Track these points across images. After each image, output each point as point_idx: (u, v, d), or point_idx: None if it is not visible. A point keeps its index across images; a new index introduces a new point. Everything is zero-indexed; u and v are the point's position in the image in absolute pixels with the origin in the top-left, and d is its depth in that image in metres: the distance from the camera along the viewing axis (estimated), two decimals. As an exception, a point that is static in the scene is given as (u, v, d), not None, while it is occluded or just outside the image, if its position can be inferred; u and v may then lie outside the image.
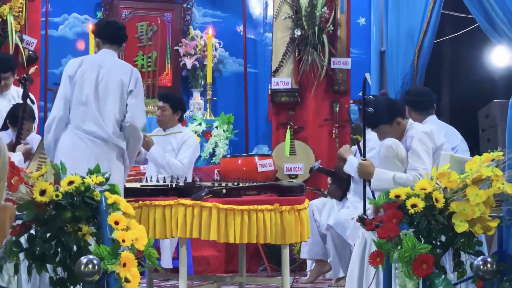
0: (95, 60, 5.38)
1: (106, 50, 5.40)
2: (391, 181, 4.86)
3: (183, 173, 6.47)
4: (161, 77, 9.05)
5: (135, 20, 9.07)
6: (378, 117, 5.26)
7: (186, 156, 6.67)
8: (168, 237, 5.12)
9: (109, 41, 5.42)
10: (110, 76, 5.26)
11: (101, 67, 5.28)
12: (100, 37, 5.47)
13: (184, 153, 6.69)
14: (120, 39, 5.50)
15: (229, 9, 9.46)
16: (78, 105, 5.21)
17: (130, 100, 5.25)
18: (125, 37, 5.57)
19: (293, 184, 5.61)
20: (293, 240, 5.43)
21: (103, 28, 5.51)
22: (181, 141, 6.75)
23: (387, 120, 5.27)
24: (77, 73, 5.25)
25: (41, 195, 3.84)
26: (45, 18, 8.46)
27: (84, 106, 5.19)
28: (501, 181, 4.13)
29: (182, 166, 6.60)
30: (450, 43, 10.88)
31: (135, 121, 5.25)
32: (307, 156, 8.12)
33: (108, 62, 5.33)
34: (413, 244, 3.95)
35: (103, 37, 5.45)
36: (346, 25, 8.30)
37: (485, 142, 8.25)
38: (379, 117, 5.27)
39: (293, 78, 8.19)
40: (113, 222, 3.79)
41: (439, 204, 4.12)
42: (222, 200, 5.12)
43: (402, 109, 5.40)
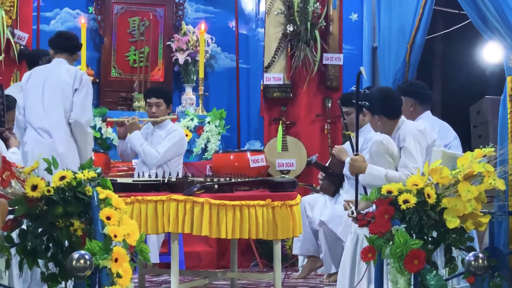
0: (43, 69, 5.98)
1: (57, 59, 5.94)
2: (383, 178, 4.86)
3: (157, 162, 6.67)
4: (153, 72, 9.03)
5: (127, 15, 9.04)
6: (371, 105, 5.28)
7: (164, 146, 6.75)
8: (160, 232, 5.13)
9: (60, 50, 5.95)
10: (54, 79, 5.79)
11: (48, 73, 5.84)
12: (52, 47, 6.02)
13: (164, 143, 6.78)
14: (71, 48, 5.98)
15: (222, 4, 9.45)
16: (30, 109, 5.79)
17: (75, 98, 5.76)
18: (76, 46, 6.04)
19: (285, 179, 5.62)
20: (285, 236, 5.44)
21: (55, 39, 6.02)
22: (166, 134, 6.81)
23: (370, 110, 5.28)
24: (28, 83, 5.87)
25: (32, 190, 3.84)
26: (36, 13, 8.43)
27: (35, 109, 5.77)
28: (492, 177, 4.15)
29: (156, 155, 6.69)
30: (442, 39, 10.91)
31: (78, 117, 5.71)
32: (299, 151, 8.12)
33: (56, 68, 5.86)
34: (404, 240, 3.96)
35: (54, 46, 5.99)
36: (338, 21, 8.31)
37: (477, 138, 8.26)
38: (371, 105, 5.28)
39: (285, 74, 8.19)
40: (105, 217, 3.78)
41: (431, 200, 4.14)
42: (214, 195, 5.13)
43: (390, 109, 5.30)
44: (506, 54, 5.70)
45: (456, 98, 10.77)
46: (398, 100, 5.35)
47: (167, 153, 6.72)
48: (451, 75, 11.43)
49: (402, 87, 6.42)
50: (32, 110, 5.78)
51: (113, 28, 8.95)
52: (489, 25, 5.73)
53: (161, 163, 6.68)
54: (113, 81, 8.89)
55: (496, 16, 5.64)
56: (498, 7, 5.63)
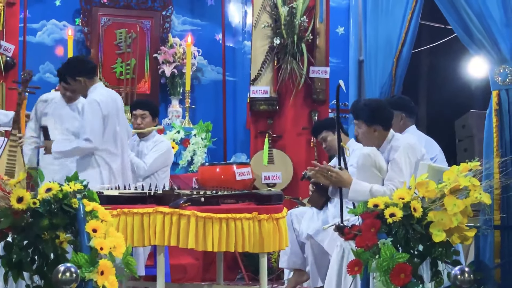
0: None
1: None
2: (367, 194, 4.87)
3: (144, 172, 6.74)
4: (140, 84, 9.02)
5: (114, 27, 9.04)
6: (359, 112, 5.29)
7: (151, 157, 6.82)
8: (146, 245, 5.11)
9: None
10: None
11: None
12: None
13: (151, 154, 6.84)
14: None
15: (208, 17, 9.46)
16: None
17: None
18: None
19: (271, 192, 5.61)
20: (271, 249, 5.42)
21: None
22: (153, 145, 6.85)
23: (366, 120, 5.27)
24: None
25: (18, 202, 3.82)
26: (23, 24, 8.42)
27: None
28: (478, 191, 4.17)
29: (143, 166, 6.76)
30: (428, 53, 10.97)
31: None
32: (285, 164, 8.12)
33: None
34: (391, 254, 3.96)
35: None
36: (325, 34, 8.33)
37: (462, 152, 8.30)
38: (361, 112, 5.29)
39: (272, 87, 8.19)
40: (91, 229, 3.77)
41: (417, 214, 4.15)
42: (201, 208, 5.12)
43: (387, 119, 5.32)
44: (491, 69, 5.73)
45: (442, 111, 10.83)
46: (389, 112, 5.36)
47: (154, 164, 6.76)
48: (437, 89, 11.49)
49: (391, 100, 6.43)
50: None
51: (100, 40, 8.95)
52: (475, 40, 5.76)
53: (148, 174, 6.72)
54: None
55: (482, 30, 5.68)
56: (483, 22, 5.67)
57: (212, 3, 9.47)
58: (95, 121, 5.94)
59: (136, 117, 6.92)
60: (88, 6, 8.94)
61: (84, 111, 6.01)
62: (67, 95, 6.46)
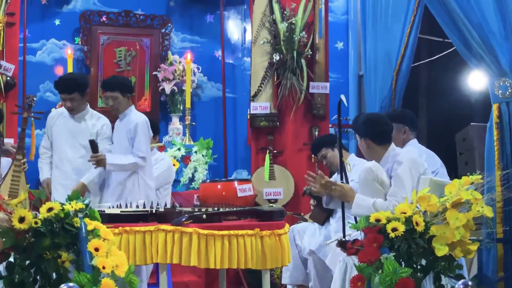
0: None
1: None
2: (371, 208, 4.85)
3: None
4: (140, 102, 9.03)
5: (113, 45, 9.06)
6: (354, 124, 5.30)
7: None
8: (148, 263, 5.09)
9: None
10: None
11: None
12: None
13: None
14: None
15: (208, 34, 9.49)
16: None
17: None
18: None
19: (273, 209, 5.60)
20: (273, 265, 5.41)
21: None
22: (154, 163, 6.84)
23: (359, 133, 5.28)
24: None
25: (20, 222, 3.81)
26: (23, 44, 8.44)
27: None
28: (480, 204, 4.16)
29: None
30: (427, 67, 10.98)
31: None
32: (286, 180, 8.12)
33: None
34: (394, 268, 3.95)
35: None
36: (324, 50, 8.34)
37: (463, 165, 8.29)
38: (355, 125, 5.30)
39: (272, 103, 8.20)
40: (93, 248, 3.76)
41: (419, 228, 4.14)
42: (203, 225, 5.11)
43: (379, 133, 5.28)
44: (491, 82, 5.74)
45: (442, 125, 10.83)
46: (387, 126, 5.27)
47: (155, 182, 6.74)
48: (437, 102, 11.50)
49: (394, 113, 6.42)
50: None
51: (100, 59, 8.97)
52: (474, 53, 5.78)
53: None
54: (100, 111, 8.85)
55: (481, 44, 5.69)
56: (483, 35, 5.68)
57: (211, 20, 9.49)
58: (147, 141, 6.43)
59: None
60: (88, 25, 8.96)
61: (138, 130, 6.33)
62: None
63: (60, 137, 6.54)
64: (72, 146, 6.50)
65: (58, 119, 6.60)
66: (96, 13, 9.04)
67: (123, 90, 6.44)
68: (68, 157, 6.50)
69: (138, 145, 6.32)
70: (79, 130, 6.52)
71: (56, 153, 6.56)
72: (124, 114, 6.48)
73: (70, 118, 6.55)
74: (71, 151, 6.49)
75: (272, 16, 8.25)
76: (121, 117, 6.49)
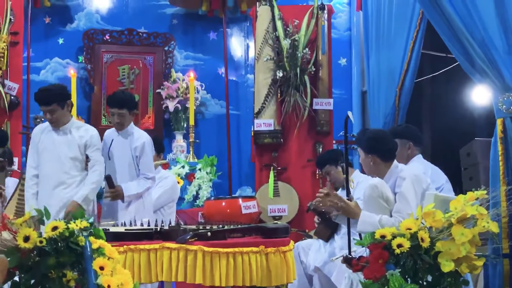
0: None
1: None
2: (377, 225, 4.84)
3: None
4: (144, 120, 9.06)
5: (117, 63, 9.09)
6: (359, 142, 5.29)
7: (156, 192, 6.84)
8: (153, 281, 5.08)
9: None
10: None
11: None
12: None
13: (157, 190, 6.85)
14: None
15: (211, 51, 9.52)
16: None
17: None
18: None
19: (278, 226, 5.59)
20: (278, 282, 5.39)
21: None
22: (159, 181, 6.84)
23: (364, 149, 5.28)
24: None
25: (25, 241, 3.81)
26: (27, 63, 8.47)
27: None
28: (485, 220, 4.15)
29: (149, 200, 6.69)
30: (430, 82, 10.97)
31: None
32: (291, 197, 8.11)
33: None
34: (399, 285, 3.94)
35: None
36: (327, 66, 8.35)
37: (468, 181, 8.28)
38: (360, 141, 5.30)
39: (276, 120, 8.19)
40: (98, 267, 3.75)
41: (424, 244, 4.13)
42: (207, 243, 5.10)
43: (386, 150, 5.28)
44: (495, 97, 5.73)
45: (446, 140, 10.80)
46: (393, 143, 5.31)
47: (160, 199, 6.77)
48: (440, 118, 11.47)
49: (398, 129, 6.41)
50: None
51: (103, 77, 9.00)
52: (478, 68, 5.77)
53: (154, 209, 6.69)
54: (104, 129, 8.87)
55: (484, 59, 5.69)
56: (486, 50, 5.68)
57: (214, 38, 9.53)
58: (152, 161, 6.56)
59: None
60: (91, 44, 9.00)
61: (146, 150, 6.40)
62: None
63: (46, 152, 6.25)
64: (58, 160, 6.22)
65: (43, 133, 6.32)
66: (100, 31, 9.08)
67: (130, 107, 6.45)
68: (53, 172, 6.21)
69: (148, 166, 6.41)
70: (66, 143, 6.25)
71: (42, 170, 6.25)
72: (127, 131, 6.48)
73: (55, 131, 6.29)
74: (57, 165, 6.20)
75: (275, 33, 8.27)
76: (123, 133, 6.49)
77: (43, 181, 6.23)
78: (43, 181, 6.23)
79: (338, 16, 9.63)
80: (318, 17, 8.33)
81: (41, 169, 6.26)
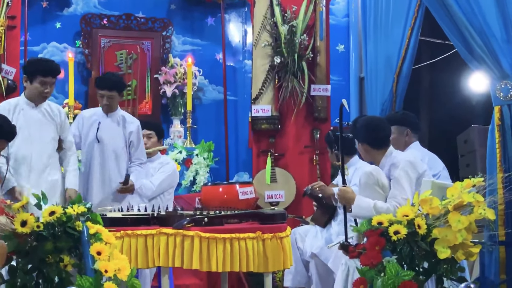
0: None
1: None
2: (371, 209, 4.85)
3: (151, 193, 6.74)
4: (141, 105, 9.04)
5: (114, 48, 9.07)
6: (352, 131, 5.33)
7: (158, 178, 6.83)
8: (150, 266, 5.10)
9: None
10: None
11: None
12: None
13: (158, 175, 6.86)
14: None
15: (209, 37, 9.49)
16: None
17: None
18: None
19: (275, 212, 5.61)
20: (275, 268, 5.41)
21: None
22: (159, 167, 6.84)
23: (355, 136, 5.32)
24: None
25: (22, 226, 3.82)
26: (24, 47, 8.44)
27: None
28: (482, 207, 4.16)
29: (151, 186, 6.75)
30: (428, 69, 10.97)
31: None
32: (288, 183, 8.11)
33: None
34: (396, 271, 3.96)
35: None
36: (325, 52, 8.33)
37: (464, 167, 8.29)
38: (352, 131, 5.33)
39: (273, 105, 8.18)
40: (95, 252, 3.76)
41: (421, 231, 4.14)
42: (204, 228, 5.11)
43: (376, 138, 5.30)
44: (493, 84, 5.74)
45: (443, 127, 10.81)
46: (385, 130, 5.30)
47: (162, 185, 6.78)
48: (438, 105, 11.48)
49: (396, 116, 6.42)
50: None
51: (101, 62, 8.97)
52: (476, 56, 5.78)
53: (155, 195, 6.71)
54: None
55: (483, 46, 5.69)
56: (484, 38, 5.68)
57: (212, 23, 9.50)
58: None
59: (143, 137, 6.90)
60: (89, 28, 8.96)
61: (140, 136, 6.52)
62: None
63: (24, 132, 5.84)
64: (40, 140, 5.92)
65: (16, 113, 5.90)
66: (97, 16, 9.05)
67: (120, 89, 6.49)
68: (36, 153, 5.90)
69: (143, 150, 6.53)
70: (41, 122, 5.97)
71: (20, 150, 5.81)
72: (116, 114, 6.48)
73: (31, 109, 5.97)
74: (38, 146, 5.89)
75: (273, 18, 8.25)
76: (112, 116, 6.48)
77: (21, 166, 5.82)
78: (22, 165, 5.82)
79: (336, 2, 9.60)
80: (316, 3, 8.30)
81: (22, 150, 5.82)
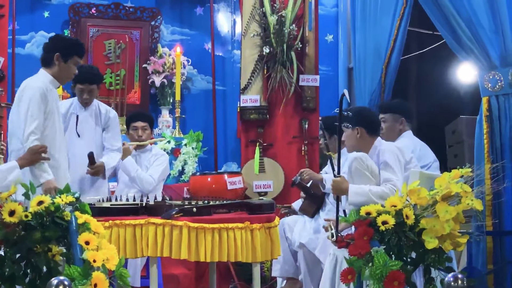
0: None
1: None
2: (368, 194, 4.87)
3: (152, 188, 6.66)
4: (130, 95, 9.02)
5: (103, 38, 9.04)
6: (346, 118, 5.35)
7: (157, 171, 6.79)
8: (138, 256, 5.09)
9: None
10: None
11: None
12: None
13: (155, 168, 6.81)
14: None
15: (197, 26, 9.48)
16: None
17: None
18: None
19: (263, 202, 5.61)
20: (263, 258, 5.42)
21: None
22: (154, 159, 6.83)
23: (351, 122, 5.33)
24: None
25: (10, 216, 3.80)
26: (12, 36, 8.40)
27: None
28: (470, 197, 4.18)
29: (152, 181, 6.72)
30: (417, 60, 10.98)
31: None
32: (276, 173, 8.12)
33: None
34: (384, 261, 3.97)
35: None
36: (314, 42, 8.32)
37: (452, 158, 8.33)
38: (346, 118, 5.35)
39: (262, 96, 8.18)
40: (83, 242, 3.76)
41: (409, 221, 4.15)
42: (193, 218, 5.11)
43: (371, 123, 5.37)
44: (481, 75, 5.76)
45: (431, 117, 10.83)
46: (378, 118, 5.47)
47: (160, 178, 6.78)
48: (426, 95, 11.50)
49: (391, 104, 6.44)
50: None
51: (89, 51, 8.94)
52: (464, 46, 5.79)
53: (155, 188, 6.70)
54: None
55: (471, 37, 5.71)
56: (472, 29, 5.70)
57: (201, 13, 9.48)
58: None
59: (136, 129, 6.88)
60: (77, 17, 8.94)
61: (116, 122, 6.43)
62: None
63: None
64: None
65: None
66: (86, 5, 9.02)
67: (99, 81, 6.47)
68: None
69: (117, 136, 6.41)
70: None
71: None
72: (91, 106, 6.44)
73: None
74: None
75: (262, 8, 8.23)
76: (89, 109, 6.43)
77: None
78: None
79: (325, -7, 9.61)
80: (305, -7, 8.31)
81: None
